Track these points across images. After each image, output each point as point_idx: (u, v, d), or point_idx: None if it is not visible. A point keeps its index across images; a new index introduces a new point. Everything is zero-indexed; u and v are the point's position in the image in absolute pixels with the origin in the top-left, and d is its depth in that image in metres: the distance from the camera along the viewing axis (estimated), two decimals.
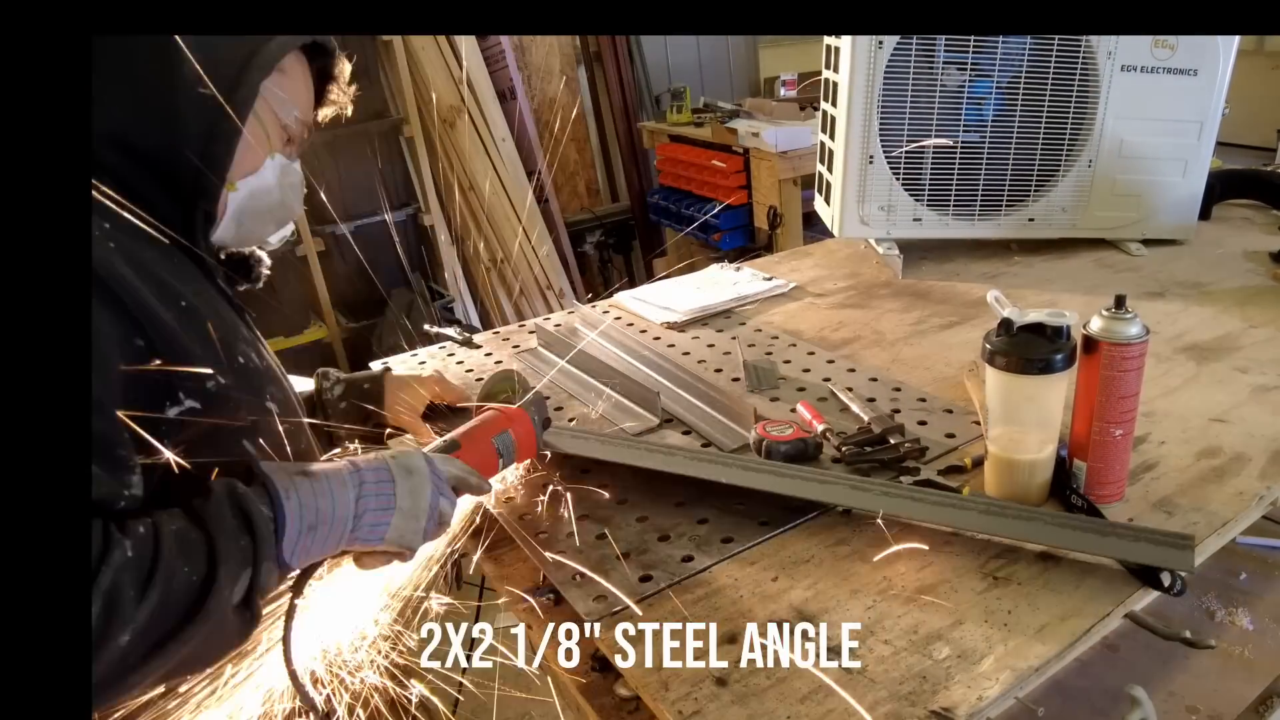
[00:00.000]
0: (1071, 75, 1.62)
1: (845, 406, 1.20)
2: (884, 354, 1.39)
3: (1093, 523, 0.89)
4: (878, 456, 1.05)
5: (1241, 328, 1.37)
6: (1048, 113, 1.65)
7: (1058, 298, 1.56)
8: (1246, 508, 0.94)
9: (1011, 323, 0.91)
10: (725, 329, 1.54)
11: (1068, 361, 0.89)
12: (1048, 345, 0.89)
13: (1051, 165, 1.70)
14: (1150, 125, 1.67)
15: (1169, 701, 1.04)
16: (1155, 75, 1.62)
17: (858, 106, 1.62)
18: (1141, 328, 0.90)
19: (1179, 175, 1.71)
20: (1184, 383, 1.22)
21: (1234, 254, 1.70)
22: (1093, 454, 0.94)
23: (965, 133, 1.66)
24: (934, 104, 1.63)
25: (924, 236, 1.76)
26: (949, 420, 1.16)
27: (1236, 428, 1.09)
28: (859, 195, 1.70)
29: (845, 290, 1.70)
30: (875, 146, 1.66)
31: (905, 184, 1.70)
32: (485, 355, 1.51)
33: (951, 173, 1.69)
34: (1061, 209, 1.73)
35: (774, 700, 0.73)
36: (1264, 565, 1.34)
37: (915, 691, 0.72)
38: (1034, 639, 0.77)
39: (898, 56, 1.58)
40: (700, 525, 0.98)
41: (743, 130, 3.38)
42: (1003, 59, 1.61)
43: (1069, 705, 1.00)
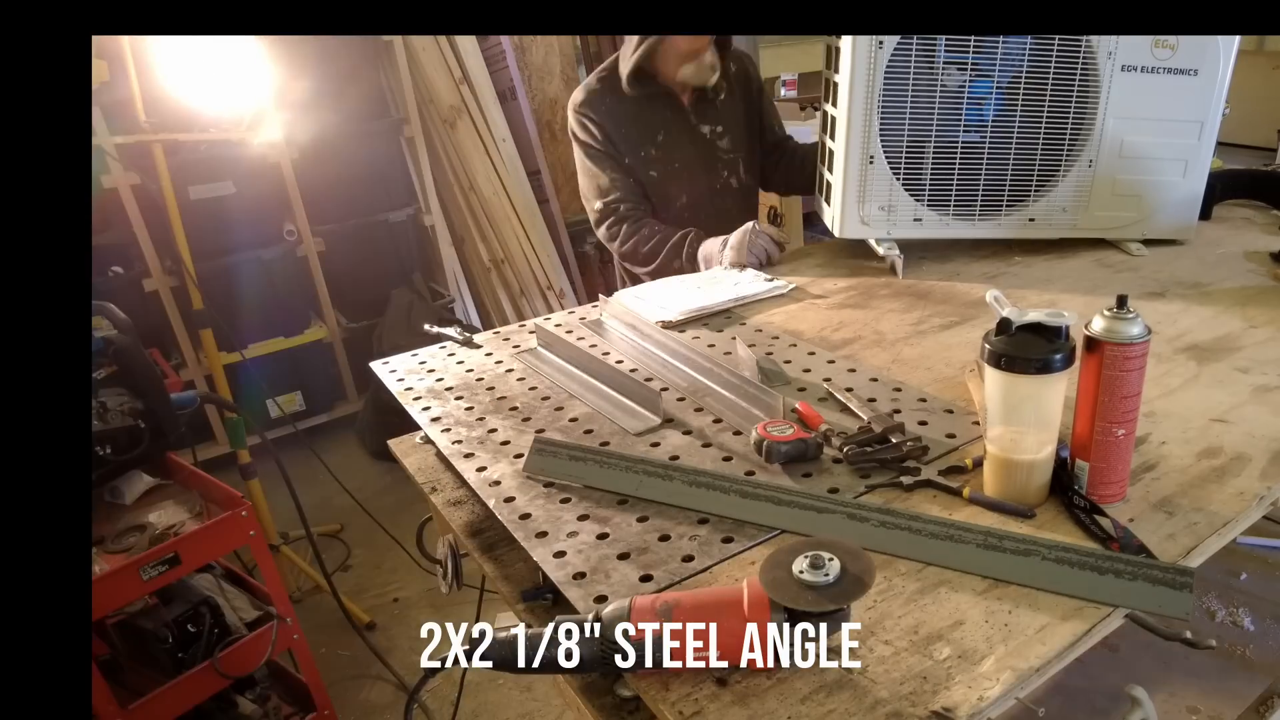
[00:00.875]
0: (1072, 75, 1.62)
1: (845, 407, 1.20)
2: (884, 354, 1.39)
3: (1089, 557, 0.86)
4: (879, 456, 1.05)
5: (1242, 328, 1.37)
6: (1048, 113, 1.65)
7: (1058, 298, 1.56)
8: (1247, 508, 0.94)
9: (1010, 323, 0.91)
10: (725, 329, 1.54)
11: (1066, 361, 0.89)
12: (1046, 345, 0.89)
13: (1052, 165, 1.70)
14: (1151, 125, 1.67)
15: (1169, 701, 1.04)
16: (1156, 75, 1.62)
17: (858, 107, 1.62)
18: (1144, 328, 0.90)
19: (1179, 175, 1.71)
20: (1184, 383, 1.22)
21: (1234, 254, 1.70)
22: (1095, 454, 0.94)
23: (965, 133, 1.66)
24: (934, 104, 1.63)
25: (924, 237, 1.76)
26: (949, 420, 1.16)
27: (1237, 428, 1.09)
28: (859, 195, 1.70)
29: (845, 290, 1.70)
30: (875, 146, 1.66)
31: (905, 184, 1.70)
32: (485, 355, 1.51)
33: (952, 173, 1.69)
34: (1062, 209, 1.73)
35: (774, 701, 0.73)
36: (1265, 565, 1.34)
37: (916, 692, 0.73)
38: (1035, 639, 0.77)
39: (898, 56, 1.58)
40: (700, 525, 0.98)
41: None
42: (1003, 59, 1.61)
43: (1070, 705, 1.00)
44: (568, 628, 0.76)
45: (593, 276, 4.68)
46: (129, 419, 1.71)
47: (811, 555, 0.74)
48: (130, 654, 1.84)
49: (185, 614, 1.78)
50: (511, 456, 1.16)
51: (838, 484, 1.03)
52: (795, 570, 0.74)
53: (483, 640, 0.75)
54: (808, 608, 0.72)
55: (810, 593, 0.72)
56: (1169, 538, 0.90)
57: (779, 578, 0.74)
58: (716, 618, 0.74)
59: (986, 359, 0.91)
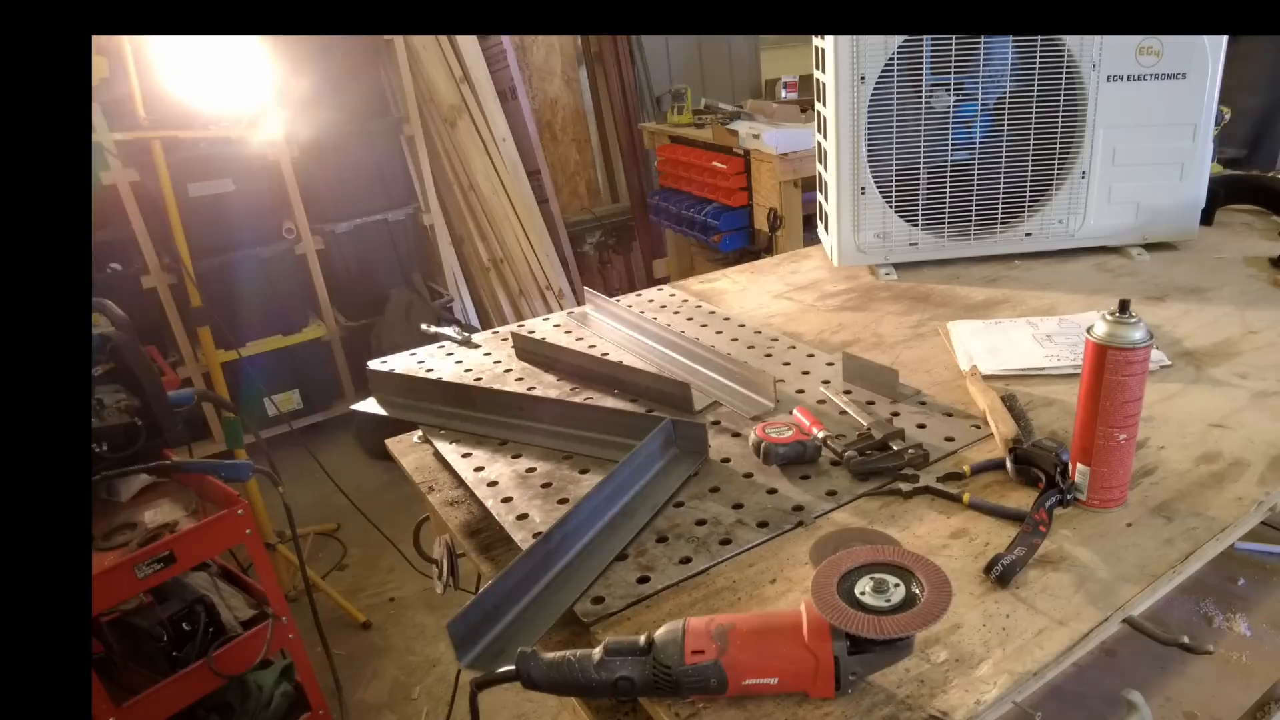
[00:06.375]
0: (1056, 90, 1.62)
1: (844, 410, 1.20)
2: (884, 356, 1.39)
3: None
4: (880, 464, 1.05)
5: (1241, 333, 1.37)
6: (1036, 129, 1.65)
7: (1058, 301, 1.56)
8: (1245, 513, 0.94)
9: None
10: (724, 330, 1.54)
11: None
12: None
13: (1044, 181, 1.71)
14: (1142, 132, 1.67)
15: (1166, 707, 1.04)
16: (1143, 82, 1.62)
17: (845, 141, 1.64)
18: (1145, 332, 0.90)
19: (1176, 179, 1.71)
20: (1183, 388, 1.22)
21: (1234, 259, 1.70)
22: (1096, 458, 0.94)
23: (954, 155, 1.67)
24: (920, 131, 1.64)
25: (922, 259, 1.77)
26: (949, 423, 1.16)
27: (1236, 433, 1.09)
28: (854, 224, 1.71)
29: (845, 293, 1.70)
30: (866, 177, 1.67)
31: (899, 210, 1.71)
32: (484, 355, 1.51)
33: (944, 196, 1.70)
34: (1058, 221, 1.73)
35: (772, 704, 0.73)
36: (1262, 571, 1.34)
37: (912, 695, 0.72)
38: (1032, 643, 0.77)
39: (881, 89, 1.60)
40: (698, 527, 0.97)
41: (743, 132, 3.38)
42: (986, 79, 1.61)
43: (1066, 710, 1.00)
44: (619, 650, 0.73)
45: (592, 276, 4.68)
46: (125, 416, 1.70)
47: (876, 579, 0.71)
48: (125, 652, 1.83)
49: (180, 612, 1.78)
50: (509, 457, 1.16)
51: (835, 487, 1.03)
52: (857, 592, 0.70)
53: (533, 662, 0.73)
54: (873, 635, 0.67)
55: (873, 618, 0.67)
56: (1167, 543, 0.89)
57: (837, 602, 0.69)
58: (775, 643, 0.71)
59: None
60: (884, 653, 0.71)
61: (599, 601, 0.86)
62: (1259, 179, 2.01)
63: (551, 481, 1.09)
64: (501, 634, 0.83)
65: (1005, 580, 0.83)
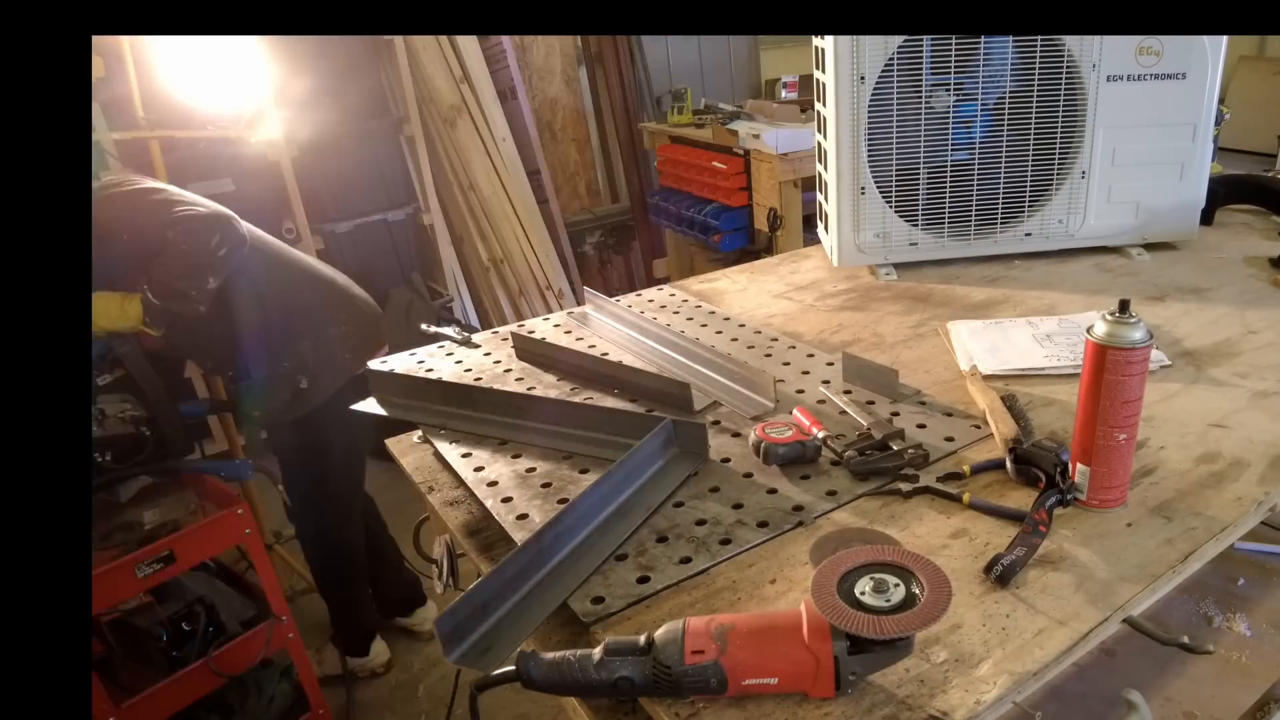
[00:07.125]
0: (1056, 90, 1.62)
1: (844, 410, 1.20)
2: (884, 356, 1.39)
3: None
4: (880, 464, 1.05)
5: (1241, 333, 1.37)
6: (1036, 130, 1.65)
7: (1058, 301, 1.56)
8: (1245, 513, 0.94)
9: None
10: (724, 330, 1.54)
11: None
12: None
13: (1044, 181, 1.71)
14: (1142, 132, 1.67)
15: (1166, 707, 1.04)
16: (1142, 82, 1.62)
17: (845, 141, 1.64)
18: (1145, 332, 0.90)
19: (1176, 179, 1.71)
20: (1183, 388, 1.22)
21: (1234, 259, 1.70)
22: (1096, 458, 0.94)
23: (954, 155, 1.67)
24: (920, 131, 1.64)
25: (922, 259, 1.77)
26: (948, 423, 1.15)
27: (1236, 433, 1.09)
28: (854, 225, 1.71)
29: (845, 293, 1.70)
30: (866, 177, 1.67)
31: (899, 210, 1.71)
32: (484, 355, 1.50)
33: (944, 196, 1.70)
34: (1058, 221, 1.73)
35: (772, 704, 0.73)
36: (1262, 571, 1.34)
37: (912, 695, 0.72)
38: (1031, 643, 0.77)
39: (881, 89, 1.60)
40: (698, 526, 0.97)
41: (743, 132, 3.38)
42: (986, 79, 1.61)
43: (1066, 710, 1.00)
44: (619, 650, 0.73)
45: (592, 276, 4.68)
46: (130, 426, 1.70)
47: (876, 579, 0.71)
48: (124, 652, 1.83)
49: (180, 612, 1.78)
50: (509, 457, 1.16)
51: (835, 487, 1.03)
52: (857, 592, 0.71)
53: (533, 662, 0.73)
54: (872, 635, 0.67)
55: (873, 618, 0.67)
56: (1167, 542, 0.89)
57: (837, 602, 0.69)
58: (775, 643, 0.71)
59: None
60: (884, 653, 0.71)
61: (599, 601, 0.86)
62: (1259, 179, 2.01)
63: (551, 481, 1.09)
64: (490, 631, 0.82)
65: (1005, 580, 0.84)
